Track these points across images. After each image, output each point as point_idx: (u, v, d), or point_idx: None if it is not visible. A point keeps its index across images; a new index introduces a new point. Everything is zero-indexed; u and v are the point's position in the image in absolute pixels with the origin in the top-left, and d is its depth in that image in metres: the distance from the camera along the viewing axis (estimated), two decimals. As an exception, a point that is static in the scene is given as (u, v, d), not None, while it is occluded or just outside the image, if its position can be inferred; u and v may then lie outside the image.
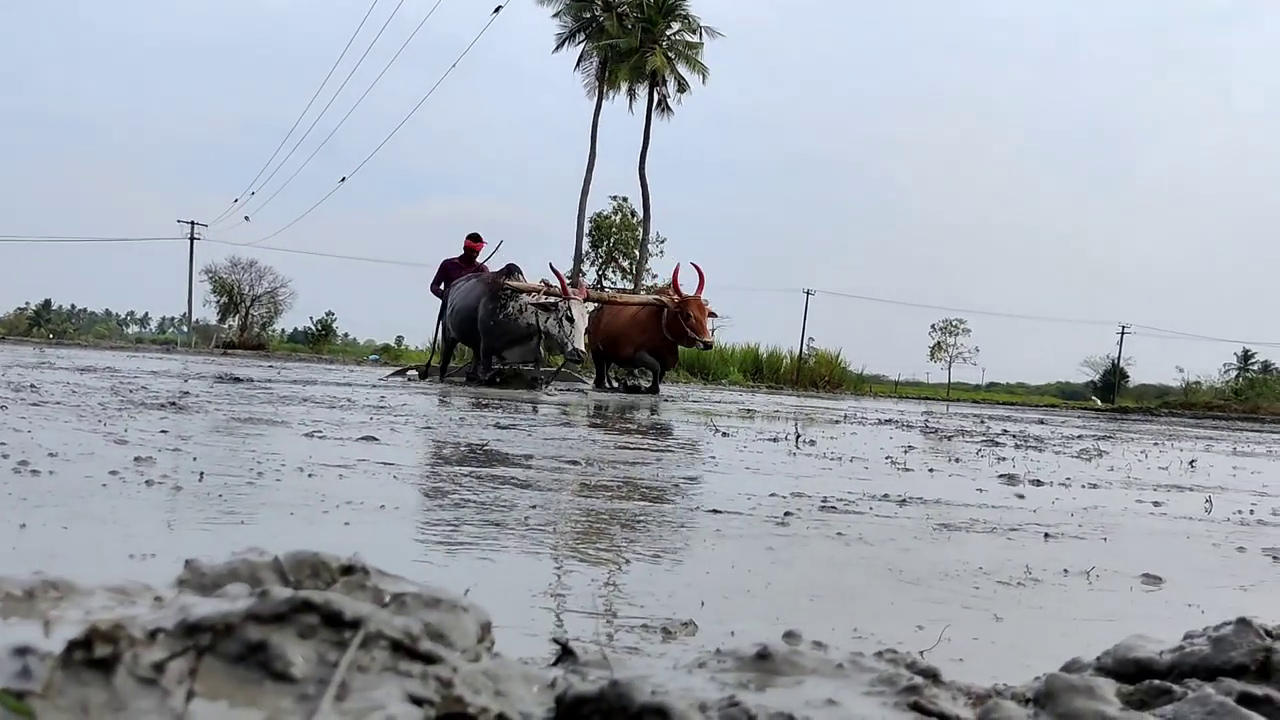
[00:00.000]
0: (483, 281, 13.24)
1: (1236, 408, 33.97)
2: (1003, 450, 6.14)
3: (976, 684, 0.83)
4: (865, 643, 1.42)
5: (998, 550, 2.41)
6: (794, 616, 1.58)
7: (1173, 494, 4.11)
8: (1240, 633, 0.83)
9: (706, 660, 0.79)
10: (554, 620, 1.42)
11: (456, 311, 13.59)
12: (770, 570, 1.97)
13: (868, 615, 1.63)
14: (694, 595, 1.68)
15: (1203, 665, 0.82)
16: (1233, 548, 2.73)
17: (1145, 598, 1.97)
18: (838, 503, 3.11)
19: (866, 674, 0.76)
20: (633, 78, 37.98)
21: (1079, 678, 0.75)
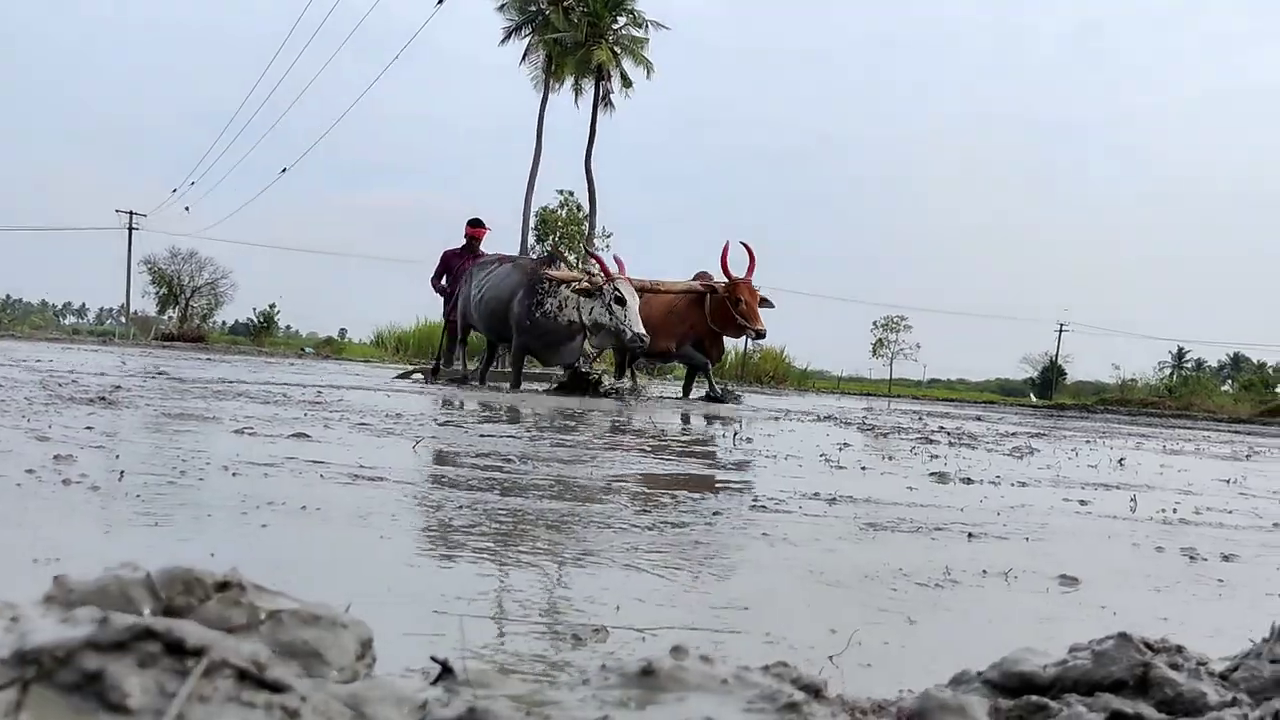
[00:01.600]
0: (520, 269, 11.62)
1: (1170, 405, 34.61)
2: (936, 448, 6.20)
3: (862, 698, 0.83)
4: (776, 648, 1.42)
5: (921, 551, 2.43)
6: (709, 620, 1.58)
7: (1099, 492, 4.17)
8: (1120, 647, 0.84)
9: (591, 676, 0.78)
10: (461, 630, 1.41)
11: (486, 302, 11.79)
12: (692, 572, 1.97)
13: (782, 619, 1.63)
14: (611, 600, 1.68)
15: (1084, 680, 0.82)
16: (1152, 547, 2.77)
17: (1060, 600, 1.99)
18: (768, 501, 3.12)
19: (750, 690, 0.76)
20: (579, 72, 37.89)
21: (952, 696, 0.76)
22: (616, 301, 10.60)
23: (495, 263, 12.24)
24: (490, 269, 12.10)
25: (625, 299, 10.63)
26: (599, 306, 10.69)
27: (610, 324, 10.67)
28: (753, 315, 11.62)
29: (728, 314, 11.72)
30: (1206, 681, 0.83)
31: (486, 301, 11.75)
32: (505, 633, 1.38)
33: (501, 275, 11.74)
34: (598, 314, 10.73)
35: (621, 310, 10.60)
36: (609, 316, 10.65)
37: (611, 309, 10.62)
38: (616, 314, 10.61)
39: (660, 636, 1.43)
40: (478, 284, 12.06)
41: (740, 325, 11.69)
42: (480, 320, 12.07)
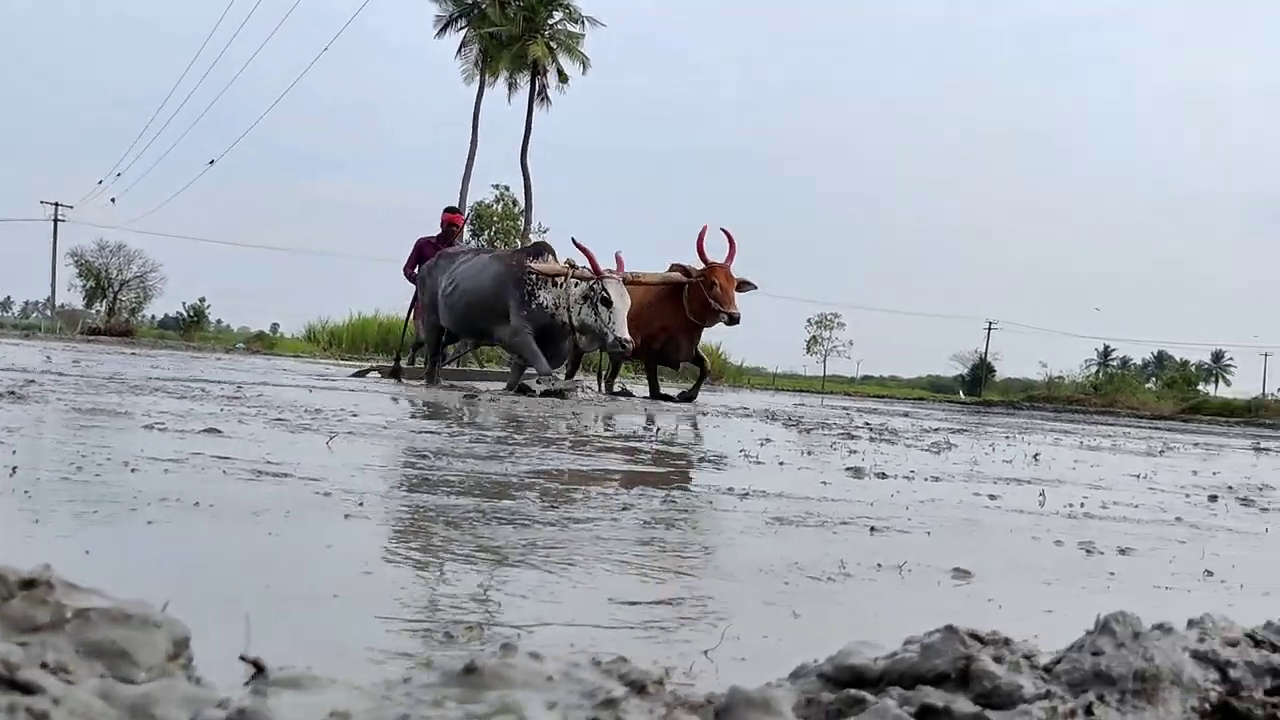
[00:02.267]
0: (501, 260, 10.69)
1: (1095, 401, 35.31)
2: (857, 443, 6.25)
3: (696, 695, 0.83)
4: (652, 644, 1.42)
5: (821, 544, 2.44)
6: (595, 616, 1.57)
7: (1010, 487, 4.23)
8: (947, 640, 0.85)
9: (413, 674, 0.77)
10: (336, 627, 1.38)
11: (462, 294, 10.77)
12: (586, 568, 1.96)
13: (669, 613, 1.63)
14: (498, 596, 1.66)
15: (910, 673, 0.83)
16: (1052, 541, 2.82)
17: (949, 593, 2.01)
18: (679, 496, 3.13)
19: (573, 686, 0.75)
20: (514, 66, 37.72)
21: (758, 691, 0.76)
22: (602, 302, 9.85)
23: (469, 254, 11.35)
24: (463, 260, 11.13)
25: (612, 300, 9.84)
26: (585, 307, 9.95)
27: (594, 326, 9.92)
28: (726, 298, 10.98)
29: (702, 300, 11.07)
30: (1026, 674, 0.83)
31: (463, 294, 10.76)
32: (372, 630, 1.35)
33: (479, 266, 10.81)
34: (584, 315, 9.99)
35: (607, 312, 9.82)
36: (594, 317, 9.92)
37: (597, 309, 9.88)
38: (601, 315, 9.85)
39: (536, 633, 1.42)
40: (449, 276, 11.02)
41: (714, 310, 11.02)
42: (453, 316, 11.05)
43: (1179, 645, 0.88)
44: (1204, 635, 0.91)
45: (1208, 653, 0.88)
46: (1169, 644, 0.87)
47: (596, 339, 10.09)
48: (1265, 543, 3.23)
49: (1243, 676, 0.87)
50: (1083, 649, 0.87)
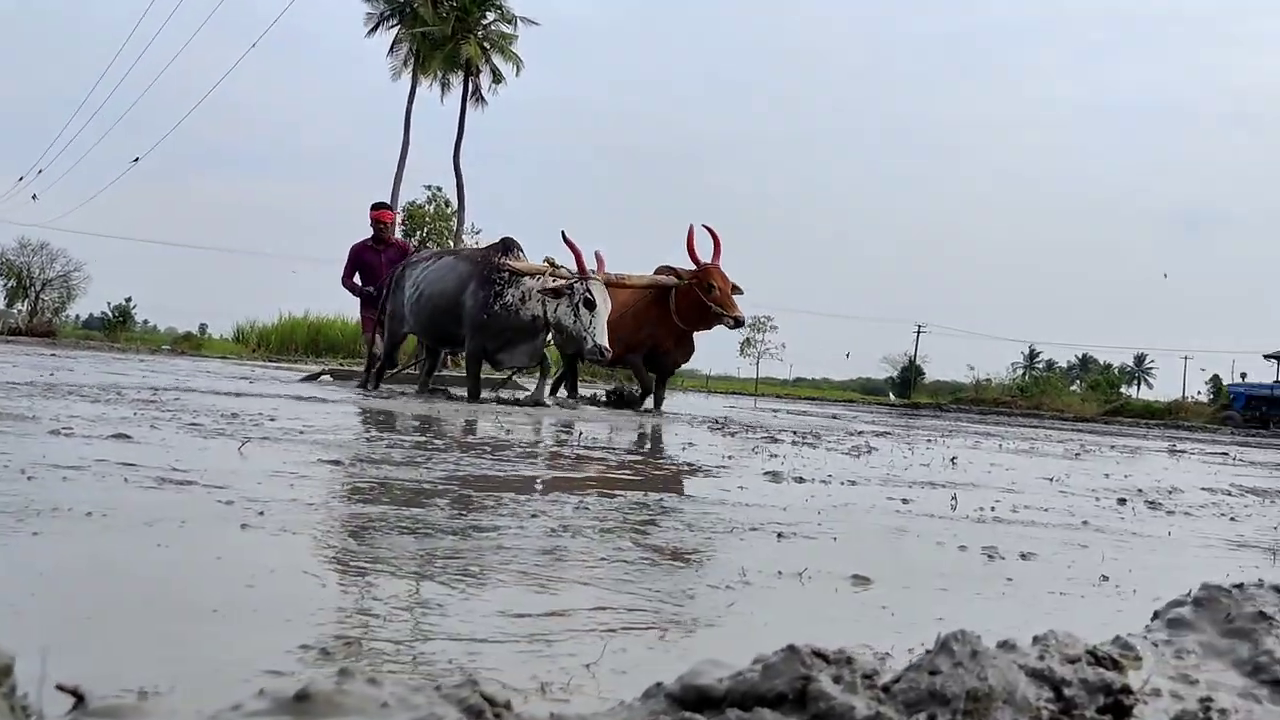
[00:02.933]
0: (469, 260, 10.06)
1: (1021, 404, 35.98)
2: (779, 446, 6.29)
3: (542, 715, 0.82)
4: (533, 660, 1.41)
5: (726, 552, 2.45)
6: (479, 630, 1.56)
7: (925, 491, 4.28)
8: (787, 660, 0.85)
9: (244, 701, 0.75)
10: (208, 644, 1.36)
11: (426, 299, 10.15)
12: (482, 580, 1.95)
13: (558, 625, 1.62)
14: (383, 610, 1.64)
15: (750, 694, 0.83)
16: (956, 546, 2.85)
17: (845, 600, 2.03)
18: (591, 504, 3.12)
19: (408, 713, 0.74)
20: (446, 66, 37.49)
21: (578, 718, 0.76)
22: (585, 304, 9.06)
23: (433, 257, 10.74)
24: (428, 264, 10.53)
25: (595, 303, 9.07)
26: (565, 305, 9.18)
27: (573, 328, 9.16)
28: (728, 302, 10.09)
29: (698, 305, 10.14)
30: (862, 695, 0.84)
31: (428, 299, 10.11)
32: (246, 647, 1.33)
33: (445, 269, 10.15)
34: (562, 314, 9.23)
35: (588, 315, 9.06)
36: (573, 319, 9.15)
37: (578, 311, 9.09)
38: (582, 318, 9.08)
39: (416, 649, 1.41)
40: (414, 282, 10.40)
41: (715, 314, 10.10)
42: (419, 323, 10.40)
43: (1016, 663, 0.89)
44: (1044, 653, 0.92)
45: (1044, 670, 0.89)
46: (1005, 663, 0.88)
47: (573, 343, 9.46)
48: (1166, 546, 3.29)
49: (1076, 694, 0.89)
50: (921, 668, 0.87)
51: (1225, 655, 1.06)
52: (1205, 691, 0.97)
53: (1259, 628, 1.09)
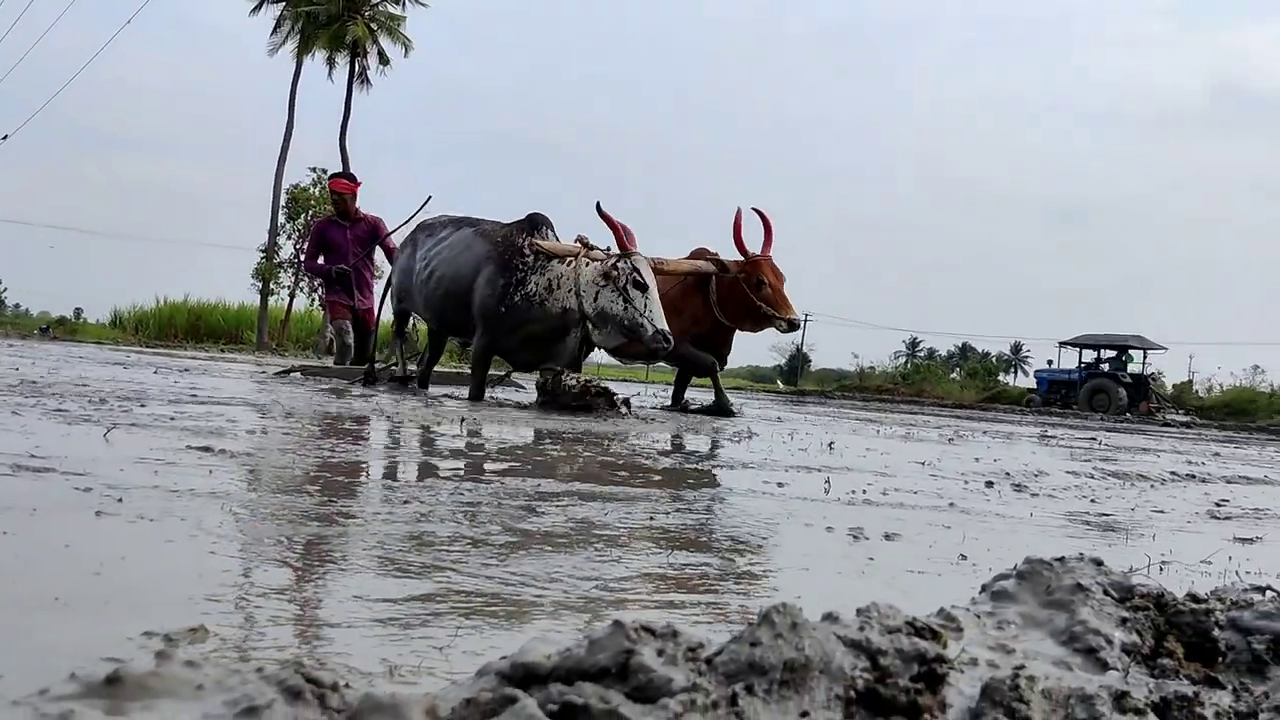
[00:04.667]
0: (487, 238, 8.21)
1: (903, 391, 36.91)
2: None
3: (358, 695, 0.82)
4: (390, 644, 1.40)
5: (597, 541, 2.47)
6: (333, 614, 1.55)
7: (799, 475, 4.36)
8: (613, 635, 0.86)
9: (52, 686, 0.74)
10: (46, 633, 1.32)
11: (437, 281, 8.44)
12: (344, 565, 1.93)
13: (416, 610, 1.61)
14: (235, 596, 1.62)
15: (576, 669, 0.84)
16: (824, 528, 2.91)
17: (710, 582, 2.06)
18: (467, 490, 3.11)
19: (224, 695, 0.73)
20: (333, 47, 36.80)
21: (390, 696, 0.76)
22: (635, 286, 7.48)
23: (449, 226, 8.79)
24: (442, 236, 8.70)
25: (646, 282, 7.52)
26: (608, 291, 7.51)
27: (624, 316, 7.46)
28: (781, 301, 8.71)
29: (744, 301, 8.77)
30: (682, 667, 0.86)
31: (438, 280, 8.43)
32: (87, 635, 1.30)
33: (460, 245, 8.42)
34: (606, 301, 7.52)
35: (641, 297, 7.45)
36: (622, 305, 7.46)
37: (627, 294, 7.47)
38: (634, 302, 7.45)
39: (267, 634, 1.39)
40: (424, 255, 8.68)
41: (765, 315, 8.73)
42: (426, 305, 8.75)
43: (835, 634, 0.92)
44: (865, 624, 0.95)
45: (862, 641, 0.92)
46: (825, 634, 0.91)
47: (625, 332, 7.57)
48: (1026, 527, 3.41)
49: (891, 664, 0.92)
50: (743, 640, 0.90)
51: (1043, 625, 1.11)
52: (1020, 660, 1.01)
53: (1076, 599, 1.14)
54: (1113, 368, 36.13)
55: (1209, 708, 0.99)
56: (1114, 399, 33.33)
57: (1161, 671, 1.08)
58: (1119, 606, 1.14)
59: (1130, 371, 35.63)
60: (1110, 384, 34.48)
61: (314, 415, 5.75)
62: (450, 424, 5.78)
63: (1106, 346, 36.75)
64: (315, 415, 5.75)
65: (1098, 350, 36.70)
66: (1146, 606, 1.16)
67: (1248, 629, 1.17)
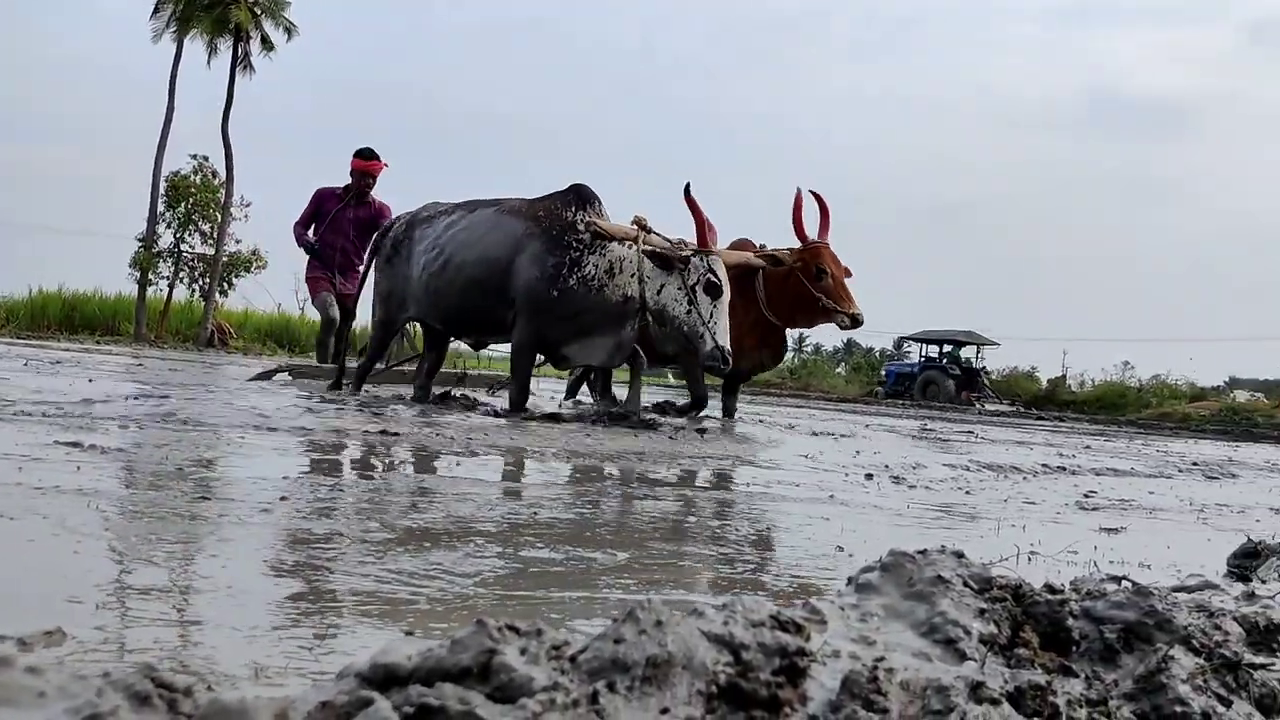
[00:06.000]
0: (523, 215, 6.82)
1: (790, 385, 37.53)
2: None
3: (206, 699, 0.80)
4: (253, 645, 1.38)
5: (481, 531, 2.45)
6: (209, 613, 1.51)
7: (699, 464, 4.39)
8: (475, 635, 0.86)
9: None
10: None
11: (456, 267, 6.97)
12: (209, 564, 1.88)
13: (291, 609, 1.58)
14: (100, 597, 1.57)
15: (437, 669, 0.84)
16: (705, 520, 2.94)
17: (593, 573, 2.06)
18: (323, 485, 3.06)
19: (67, 702, 0.71)
20: (215, 31, 35.80)
21: (238, 702, 0.75)
22: (707, 290, 6.33)
23: (454, 212, 7.33)
24: (451, 222, 7.23)
25: (722, 288, 6.37)
26: (674, 286, 6.41)
27: (684, 320, 6.36)
28: (842, 294, 7.65)
29: (799, 294, 7.67)
30: (544, 666, 0.86)
31: (459, 268, 6.96)
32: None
33: (483, 225, 7.00)
34: (669, 298, 6.43)
35: (709, 304, 6.33)
36: (686, 307, 6.36)
37: (695, 297, 6.33)
38: (700, 307, 6.32)
39: (128, 636, 1.35)
40: (433, 244, 7.19)
41: (824, 309, 7.65)
42: (438, 302, 7.19)
43: (700, 629, 0.93)
44: (729, 618, 0.96)
45: (725, 636, 0.94)
46: (688, 629, 0.92)
47: (680, 338, 6.56)
48: (902, 518, 3.49)
49: (754, 658, 0.93)
50: (607, 637, 0.90)
51: (905, 617, 1.14)
52: (881, 652, 1.04)
53: (937, 590, 1.17)
54: (946, 360, 38.82)
55: (1061, 696, 1.02)
56: (943, 389, 35.92)
57: (1018, 661, 1.11)
58: (978, 598, 1.18)
59: (962, 364, 38.34)
60: (940, 376, 37.17)
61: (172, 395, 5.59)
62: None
63: (939, 342, 39.60)
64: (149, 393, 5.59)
65: (940, 345, 39.50)
66: (1004, 598, 1.20)
67: (1101, 619, 1.22)
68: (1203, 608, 1.29)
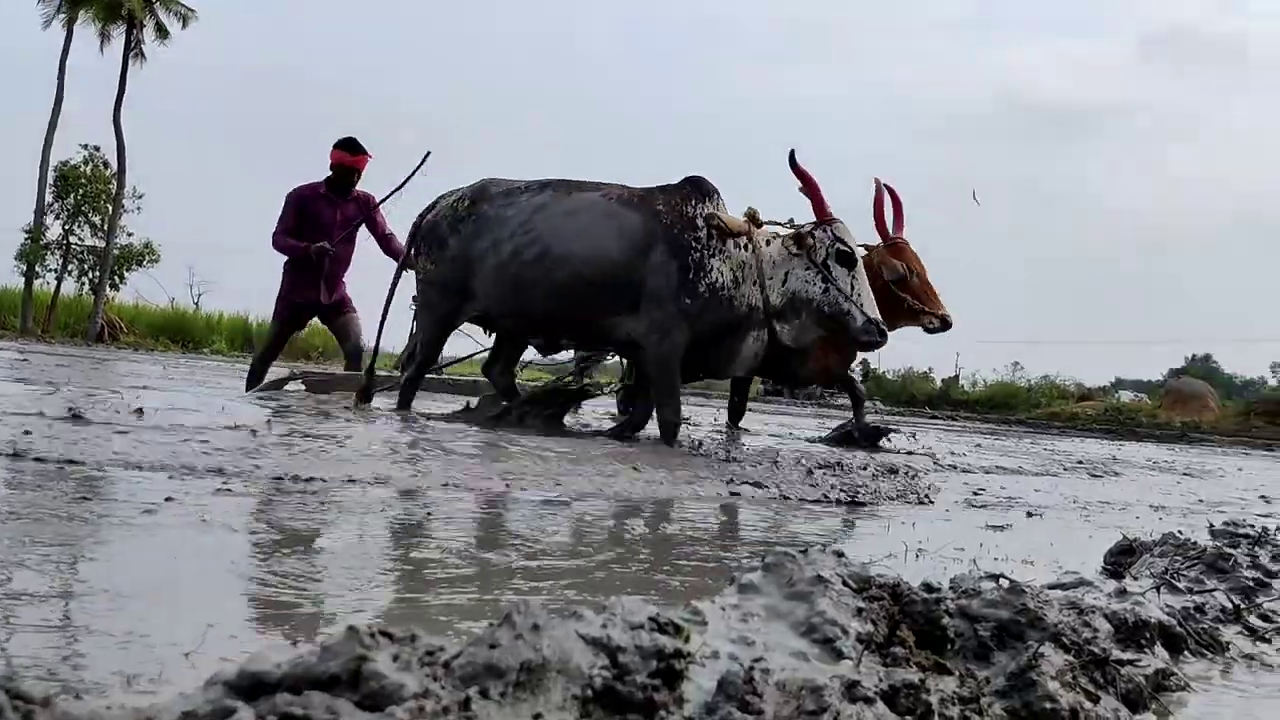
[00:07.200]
0: (636, 206, 5.91)
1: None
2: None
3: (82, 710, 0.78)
4: (127, 652, 1.34)
5: (342, 530, 2.42)
6: (80, 618, 1.46)
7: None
8: (345, 641, 0.85)
9: None
10: None
11: (555, 260, 5.85)
12: (83, 568, 1.83)
13: (162, 615, 1.54)
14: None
15: (306, 676, 0.82)
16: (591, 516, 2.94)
17: (464, 578, 2.05)
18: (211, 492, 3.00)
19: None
20: (106, 17, 34.73)
21: (89, 715, 0.73)
22: (840, 260, 5.70)
23: (545, 191, 6.17)
24: (547, 202, 6.08)
25: (853, 255, 5.78)
26: (801, 268, 5.74)
27: (824, 300, 5.68)
28: (930, 294, 6.99)
29: (882, 295, 6.38)
30: (416, 672, 0.85)
31: (559, 262, 5.88)
32: None
33: (588, 213, 5.97)
34: (799, 283, 5.75)
35: (846, 276, 5.69)
36: (822, 286, 5.70)
37: (830, 272, 5.68)
38: (838, 281, 5.68)
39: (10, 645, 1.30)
40: (522, 228, 6.01)
41: (911, 310, 6.95)
42: (524, 295, 6.01)
43: (577, 633, 0.92)
44: (607, 621, 0.96)
45: (603, 639, 0.93)
46: (564, 632, 0.92)
47: (824, 321, 5.79)
48: (798, 516, 3.53)
49: (630, 661, 0.93)
50: (482, 642, 0.89)
51: (785, 617, 1.15)
52: (759, 652, 1.04)
53: (816, 590, 1.19)
54: None
55: (934, 694, 1.04)
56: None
57: (894, 660, 1.13)
58: (856, 597, 1.20)
59: None
60: None
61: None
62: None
63: None
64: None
65: None
66: (883, 596, 1.22)
67: (975, 616, 1.25)
68: (1074, 605, 1.33)
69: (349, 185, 8.09)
